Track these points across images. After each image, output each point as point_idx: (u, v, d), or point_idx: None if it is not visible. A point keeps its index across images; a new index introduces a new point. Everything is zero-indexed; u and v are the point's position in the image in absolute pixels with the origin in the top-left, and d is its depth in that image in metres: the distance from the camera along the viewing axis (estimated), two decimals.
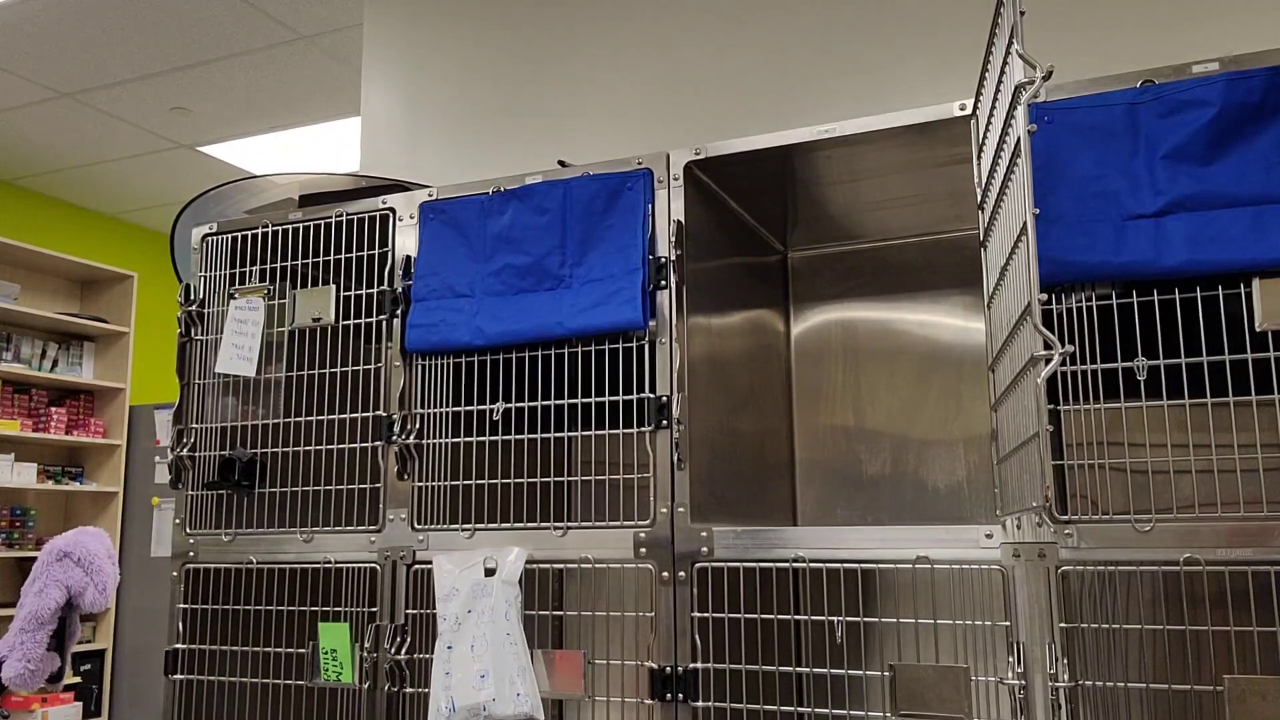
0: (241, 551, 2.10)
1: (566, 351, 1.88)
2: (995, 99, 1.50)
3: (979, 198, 1.72)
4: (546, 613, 2.02)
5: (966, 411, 2.28)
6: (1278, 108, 1.45)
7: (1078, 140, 1.54)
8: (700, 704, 1.68)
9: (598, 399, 1.85)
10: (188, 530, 2.16)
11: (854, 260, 2.44)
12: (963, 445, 2.28)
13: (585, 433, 1.86)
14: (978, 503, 2.23)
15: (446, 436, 1.96)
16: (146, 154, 5.47)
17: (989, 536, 1.54)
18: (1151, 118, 1.51)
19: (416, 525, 1.94)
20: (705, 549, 1.73)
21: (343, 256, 2.10)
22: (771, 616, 1.69)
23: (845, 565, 1.64)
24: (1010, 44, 1.35)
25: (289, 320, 2.13)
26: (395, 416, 1.98)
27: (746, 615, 1.69)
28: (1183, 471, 1.47)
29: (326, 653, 1.94)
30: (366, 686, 1.90)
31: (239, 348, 2.12)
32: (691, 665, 1.69)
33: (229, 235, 2.22)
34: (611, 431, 1.84)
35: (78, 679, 4.86)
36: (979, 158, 1.71)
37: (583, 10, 2.97)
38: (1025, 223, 1.29)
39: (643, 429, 1.80)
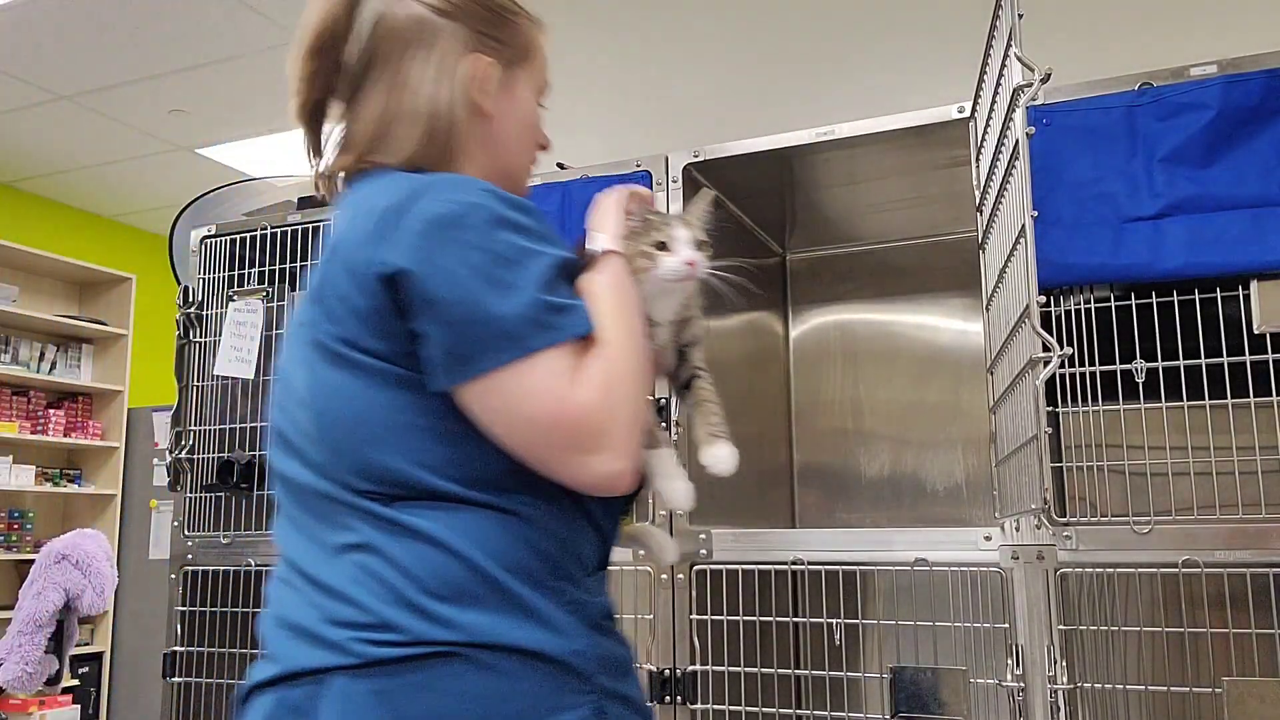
0: (240, 554, 2.09)
1: None
2: (994, 101, 1.51)
3: (977, 200, 1.72)
4: None
5: (965, 414, 2.27)
6: (1275, 110, 1.45)
7: (1076, 143, 1.54)
8: (699, 706, 1.68)
9: None
10: (186, 533, 2.15)
11: (852, 262, 2.44)
12: (961, 447, 2.27)
13: None
14: (976, 505, 2.23)
15: None
16: (145, 156, 5.46)
17: (988, 539, 1.54)
18: (1150, 120, 1.51)
19: None
20: (704, 551, 1.73)
21: None
22: (770, 619, 1.69)
23: (844, 568, 1.64)
24: (1009, 46, 1.35)
25: (288, 322, 2.13)
26: None
27: (745, 617, 1.69)
28: (1181, 474, 1.47)
29: None
30: None
31: (238, 349, 2.12)
32: (690, 667, 1.69)
33: (227, 237, 2.22)
34: None
35: (75, 682, 4.85)
36: (977, 160, 1.71)
37: (581, 12, 2.97)
38: (1024, 225, 1.29)
39: None
